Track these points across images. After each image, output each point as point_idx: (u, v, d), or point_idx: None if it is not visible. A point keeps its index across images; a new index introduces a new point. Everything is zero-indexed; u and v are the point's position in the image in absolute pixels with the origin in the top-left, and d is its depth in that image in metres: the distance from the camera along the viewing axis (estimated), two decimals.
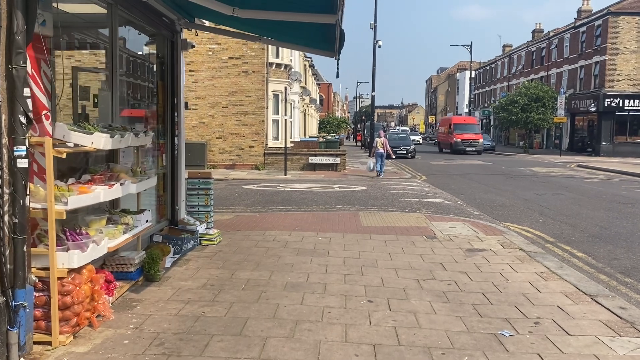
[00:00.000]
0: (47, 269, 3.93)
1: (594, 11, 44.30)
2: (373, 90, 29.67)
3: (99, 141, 4.36)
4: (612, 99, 38.13)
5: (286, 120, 22.63)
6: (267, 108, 22.75)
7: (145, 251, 5.69)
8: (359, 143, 56.91)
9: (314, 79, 55.90)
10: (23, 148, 3.56)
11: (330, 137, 29.43)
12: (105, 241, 4.50)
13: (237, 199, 13.23)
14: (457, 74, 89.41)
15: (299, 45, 7.98)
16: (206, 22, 8.78)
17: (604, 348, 4.14)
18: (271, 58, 23.38)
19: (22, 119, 3.54)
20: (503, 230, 9.11)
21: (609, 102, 38.12)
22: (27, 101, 3.64)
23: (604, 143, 38.57)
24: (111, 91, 5.65)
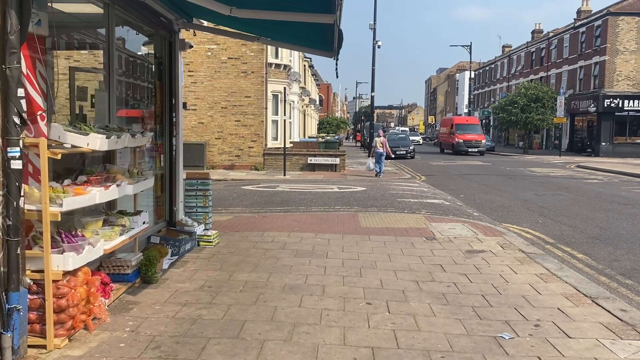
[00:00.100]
0: (42, 272, 3.89)
1: (594, 11, 44.30)
2: (372, 90, 29.62)
3: (95, 142, 4.32)
4: (612, 100, 38.12)
5: (285, 120, 22.59)
6: (267, 108, 22.71)
7: (142, 253, 5.65)
8: (359, 143, 56.86)
9: (314, 80, 55.90)
10: (17, 149, 3.51)
11: (329, 138, 29.44)
12: (101, 243, 4.46)
13: (236, 200, 13.19)
14: (457, 75, 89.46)
15: (298, 45, 7.94)
16: (204, 22, 8.74)
17: (605, 351, 4.10)
18: (270, 58, 23.34)
19: (16, 120, 3.50)
20: (503, 231, 9.07)
21: (609, 103, 38.11)
22: (22, 102, 3.59)
23: (604, 143, 38.56)
24: (108, 91, 5.61)
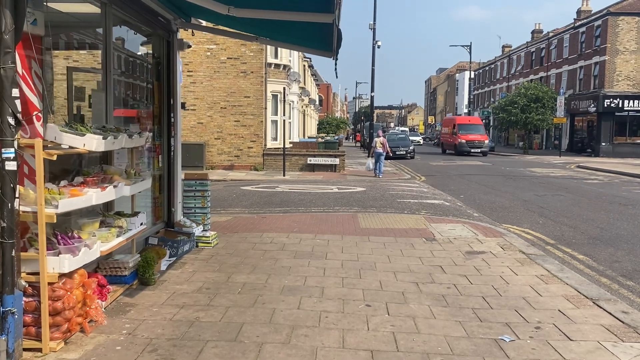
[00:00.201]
0: (38, 274, 3.84)
1: (594, 12, 44.28)
2: (372, 90, 29.53)
3: (91, 143, 4.27)
4: (612, 100, 38.09)
5: (285, 120, 22.53)
6: (266, 109, 22.66)
7: (140, 254, 5.61)
8: (358, 144, 56.85)
9: (313, 80, 55.86)
10: (11, 150, 3.47)
11: (329, 138, 29.40)
12: (97, 245, 4.42)
13: (235, 200, 13.15)
14: (457, 75, 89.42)
15: (296, 45, 7.89)
16: (203, 22, 8.70)
17: (607, 354, 4.05)
18: (270, 58, 23.29)
19: (11, 120, 3.45)
20: (503, 232, 9.03)
21: (609, 103, 38.08)
22: (16, 102, 3.54)
23: (604, 144, 38.53)
24: (105, 92, 5.56)
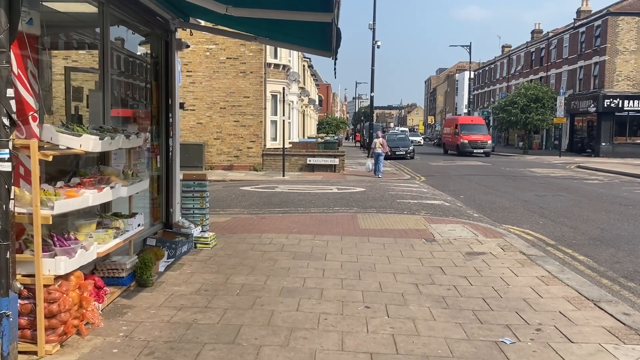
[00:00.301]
0: (33, 276, 3.80)
1: (594, 12, 44.23)
2: (372, 90, 29.47)
3: (88, 143, 4.23)
4: (612, 100, 38.04)
5: (284, 121, 22.49)
6: (266, 109, 22.62)
7: (137, 255, 5.56)
8: (358, 144, 56.81)
9: (313, 80, 55.82)
10: (6, 151, 3.42)
11: (329, 138, 29.34)
12: (94, 246, 4.38)
13: (234, 201, 13.10)
14: (456, 75, 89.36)
15: (295, 44, 7.85)
16: (202, 22, 8.66)
17: (608, 356, 4.02)
18: (269, 58, 23.25)
19: (5, 121, 3.40)
20: (503, 232, 8.99)
21: (609, 103, 38.04)
22: (11, 102, 3.50)
23: (604, 144, 38.49)
24: (102, 92, 5.52)
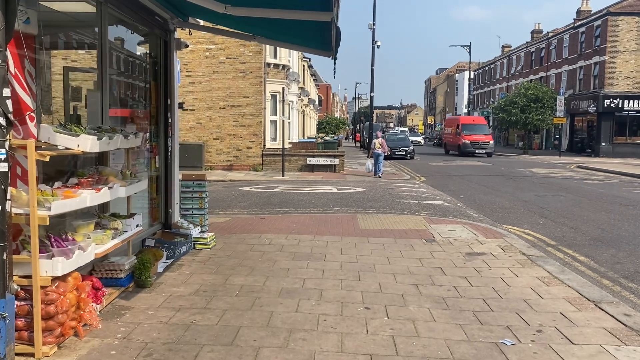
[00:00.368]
0: (30, 277, 3.77)
1: (594, 11, 44.21)
2: (372, 90, 29.45)
3: (85, 143, 4.20)
4: (612, 100, 38.02)
5: (284, 121, 22.47)
6: (265, 109, 22.59)
7: (136, 256, 5.53)
8: (358, 144, 56.79)
9: (313, 80, 55.82)
10: (2, 151, 3.39)
11: (328, 138, 29.35)
12: (92, 247, 4.34)
13: (234, 201, 13.07)
14: (456, 75, 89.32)
15: (295, 44, 7.82)
16: (201, 22, 8.63)
17: (610, 358, 3.98)
18: (269, 58, 23.22)
19: (1, 121, 3.37)
20: (503, 233, 8.96)
21: (609, 103, 38.02)
22: (7, 102, 3.47)
23: (604, 144, 38.46)
24: (101, 92, 5.49)
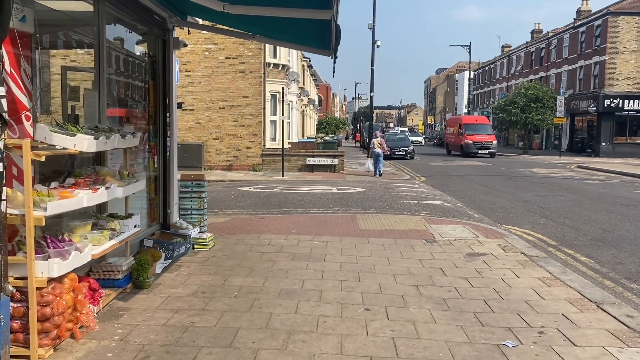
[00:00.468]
0: (26, 279, 3.72)
1: (594, 11, 44.16)
2: (372, 90, 29.38)
3: (82, 143, 4.15)
4: (612, 100, 37.98)
5: (284, 121, 22.41)
6: (265, 109, 22.55)
7: (134, 257, 5.48)
8: (358, 144, 56.76)
9: (312, 80, 55.77)
10: None
11: (328, 138, 29.32)
12: (89, 248, 4.29)
13: (233, 201, 13.03)
14: (456, 75, 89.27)
15: (294, 43, 7.78)
16: (200, 21, 8.58)
17: None
18: (269, 58, 23.17)
19: None
20: (504, 233, 8.91)
21: (609, 103, 37.98)
22: (3, 101, 3.42)
23: (604, 144, 38.42)
24: (98, 91, 5.45)
